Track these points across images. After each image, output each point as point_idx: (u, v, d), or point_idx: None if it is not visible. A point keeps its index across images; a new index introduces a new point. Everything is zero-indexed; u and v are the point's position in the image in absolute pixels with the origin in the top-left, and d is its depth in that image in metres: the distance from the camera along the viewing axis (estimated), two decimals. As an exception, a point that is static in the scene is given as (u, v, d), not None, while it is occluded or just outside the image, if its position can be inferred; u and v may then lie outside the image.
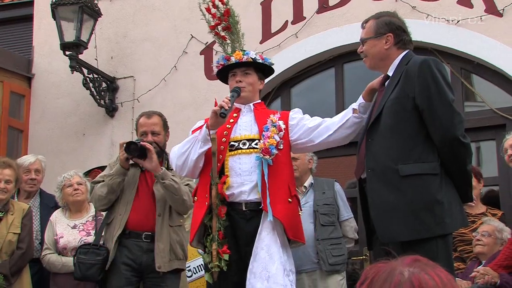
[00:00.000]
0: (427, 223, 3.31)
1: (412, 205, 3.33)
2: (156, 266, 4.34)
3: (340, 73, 6.79)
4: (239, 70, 3.98)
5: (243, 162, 3.82)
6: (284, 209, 3.74)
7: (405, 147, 3.40)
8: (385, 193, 3.40)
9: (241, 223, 3.77)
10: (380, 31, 3.60)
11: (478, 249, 4.94)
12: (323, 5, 6.71)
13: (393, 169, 3.37)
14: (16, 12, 8.67)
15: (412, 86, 3.40)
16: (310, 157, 5.59)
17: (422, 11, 6.29)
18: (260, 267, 3.61)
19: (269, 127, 3.83)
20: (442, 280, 1.46)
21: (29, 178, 5.49)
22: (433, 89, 3.36)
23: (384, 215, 3.39)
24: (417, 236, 3.30)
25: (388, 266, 1.51)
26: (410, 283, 1.44)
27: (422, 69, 3.40)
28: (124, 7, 7.55)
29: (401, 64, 3.55)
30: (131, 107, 7.15)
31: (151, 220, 4.44)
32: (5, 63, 7.44)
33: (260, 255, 3.64)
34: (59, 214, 5.32)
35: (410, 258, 1.53)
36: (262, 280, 3.59)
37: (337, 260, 5.23)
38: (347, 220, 5.44)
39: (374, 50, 3.61)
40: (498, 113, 6.12)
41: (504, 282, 4.56)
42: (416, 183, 3.35)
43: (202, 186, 3.83)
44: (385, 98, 3.51)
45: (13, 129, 7.42)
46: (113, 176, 4.47)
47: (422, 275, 1.46)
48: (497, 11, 6.09)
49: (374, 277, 1.50)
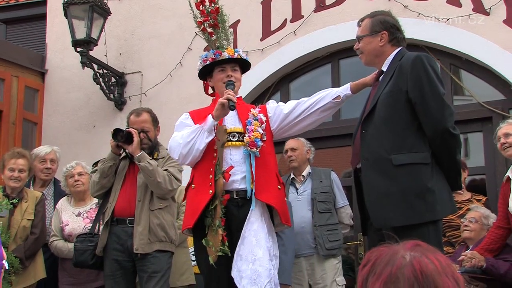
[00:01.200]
0: (418, 209, 3.32)
1: (404, 192, 3.34)
2: (134, 248, 4.36)
3: (336, 69, 6.78)
4: (228, 65, 3.97)
5: (234, 154, 3.82)
6: (275, 196, 3.77)
7: (398, 138, 3.40)
8: (379, 181, 3.41)
9: (233, 210, 3.76)
10: (375, 29, 3.61)
11: (465, 234, 4.96)
12: (320, 4, 6.70)
13: (386, 159, 3.38)
14: (31, 11, 8.68)
15: (405, 80, 3.41)
16: (308, 148, 5.61)
17: (413, 10, 6.28)
18: (246, 250, 3.62)
19: (251, 121, 3.84)
20: (441, 264, 1.47)
21: (45, 168, 5.51)
22: (425, 83, 3.38)
23: (378, 202, 3.41)
24: (409, 221, 3.31)
25: (390, 249, 1.51)
26: (411, 266, 1.44)
27: (415, 65, 3.41)
28: (132, 6, 7.54)
29: (395, 60, 3.56)
30: (138, 100, 7.15)
31: (133, 206, 4.45)
32: (20, 59, 7.45)
33: (248, 239, 3.65)
34: (65, 202, 5.34)
35: (411, 242, 1.53)
36: (247, 263, 3.59)
37: (333, 245, 5.25)
38: (343, 207, 5.47)
39: (370, 47, 3.63)
40: (485, 106, 6.12)
41: (490, 265, 4.57)
42: (408, 172, 3.36)
43: (202, 175, 3.80)
44: (379, 91, 3.52)
45: (27, 121, 7.42)
46: (104, 161, 4.53)
47: (423, 259, 1.46)
48: (484, 10, 6.08)
49: (376, 260, 1.51)
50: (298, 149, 5.57)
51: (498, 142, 4.68)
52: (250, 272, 3.56)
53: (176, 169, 4.53)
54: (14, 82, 7.31)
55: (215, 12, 4.04)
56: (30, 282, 4.98)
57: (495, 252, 4.67)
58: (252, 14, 6.90)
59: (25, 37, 8.65)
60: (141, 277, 4.45)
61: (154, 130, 4.68)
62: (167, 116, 6.64)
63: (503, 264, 4.59)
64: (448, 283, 1.43)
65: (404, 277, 1.43)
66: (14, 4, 8.93)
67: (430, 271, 1.44)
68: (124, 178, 4.57)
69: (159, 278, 4.39)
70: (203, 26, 4.09)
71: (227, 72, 3.95)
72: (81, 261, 4.57)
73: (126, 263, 4.47)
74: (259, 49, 6.81)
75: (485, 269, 4.58)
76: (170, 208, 4.59)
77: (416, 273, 1.43)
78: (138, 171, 4.49)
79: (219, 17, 4.07)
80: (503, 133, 4.65)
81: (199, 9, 4.06)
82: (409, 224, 3.30)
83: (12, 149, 5.45)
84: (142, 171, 4.40)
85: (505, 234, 4.67)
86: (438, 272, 1.44)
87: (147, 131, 4.59)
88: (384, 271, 1.46)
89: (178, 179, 4.54)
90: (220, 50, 3.98)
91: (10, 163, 5.03)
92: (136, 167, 4.50)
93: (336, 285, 5.25)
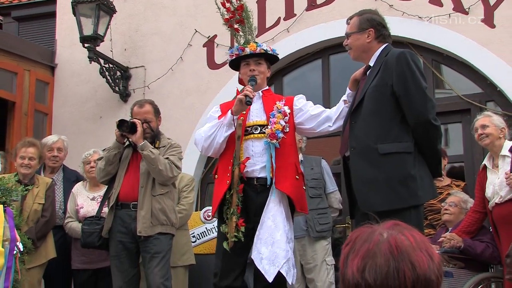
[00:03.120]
0: (402, 195, 3.33)
1: (389, 179, 3.34)
2: (137, 231, 4.36)
3: (326, 64, 6.76)
4: (252, 60, 3.95)
5: (255, 145, 3.81)
6: (292, 186, 3.75)
7: (384, 128, 3.40)
8: (365, 168, 3.40)
9: (252, 196, 3.77)
10: (362, 27, 3.60)
11: (445, 217, 4.97)
12: (312, 3, 6.68)
13: (373, 148, 3.38)
14: (41, 9, 8.64)
15: (390, 75, 3.40)
16: (300, 138, 5.59)
17: (398, 9, 6.26)
18: (266, 234, 3.62)
19: (275, 113, 3.82)
20: (416, 240, 1.47)
21: (52, 155, 5.50)
22: (409, 77, 3.37)
23: (364, 187, 3.40)
24: (393, 206, 3.31)
25: (369, 229, 1.52)
26: (388, 243, 1.45)
27: (400, 60, 3.40)
28: (136, 4, 7.50)
29: (381, 55, 3.55)
30: (142, 93, 7.12)
31: (136, 192, 4.44)
32: (31, 54, 7.41)
33: (267, 223, 3.64)
34: (80, 187, 5.37)
35: (390, 222, 1.54)
36: (267, 245, 3.59)
37: (324, 228, 5.26)
38: (332, 192, 5.46)
39: (358, 43, 3.61)
40: (464, 99, 6.12)
41: (467, 246, 4.58)
42: (393, 160, 3.36)
43: (223, 166, 3.81)
44: (366, 85, 3.51)
45: (39, 112, 7.39)
46: (109, 149, 4.52)
47: (399, 236, 1.47)
48: (464, 9, 6.07)
49: (357, 238, 1.51)
50: (290, 138, 5.55)
51: (476, 133, 4.67)
52: (269, 253, 3.58)
53: (176, 157, 4.52)
54: (26, 75, 7.27)
55: (240, 9, 4.04)
56: (41, 261, 4.99)
57: (472, 233, 4.68)
58: (248, 12, 6.85)
59: (36, 34, 8.60)
60: (144, 257, 4.44)
61: (156, 120, 4.65)
62: (169, 108, 6.65)
63: (479, 244, 4.60)
64: (422, 257, 1.44)
65: (381, 252, 1.44)
66: (25, 3, 8.89)
67: (405, 246, 1.45)
68: (127, 166, 4.55)
69: (161, 258, 4.39)
70: (229, 23, 4.09)
71: (251, 66, 3.94)
72: (89, 242, 4.59)
73: (130, 245, 4.46)
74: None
75: (463, 249, 4.59)
76: (171, 194, 4.57)
77: (392, 248, 1.44)
78: (141, 159, 4.46)
79: (244, 13, 4.07)
80: (480, 124, 4.64)
81: (225, 7, 4.06)
82: (393, 209, 3.30)
83: (24, 139, 5.48)
84: (145, 159, 4.38)
85: (481, 217, 4.69)
86: (412, 247, 1.45)
87: (149, 122, 4.57)
88: (362, 247, 1.47)
89: (178, 166, 4.53)
90: (244, 46, 3.96)
91: (21, 152, 5.04)
92: (139, 155, 4.48)
93: (326, 265, 5.26)
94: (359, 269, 1.44)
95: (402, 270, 1.41)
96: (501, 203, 4.41)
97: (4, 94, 6.92)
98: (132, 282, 4.47)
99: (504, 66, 5.87)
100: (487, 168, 4.63)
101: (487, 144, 4.60)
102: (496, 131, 4.57)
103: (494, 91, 6.01)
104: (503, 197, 4.39)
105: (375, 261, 1.43)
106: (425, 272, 1.43)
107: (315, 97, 6.63)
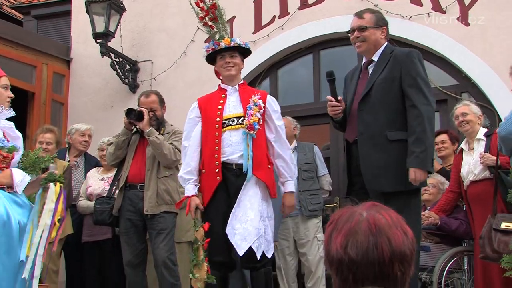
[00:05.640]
0: (407, 179, 3.33)
1: (397, 164, 3.34)
2: (144, 210, 4.35)
3: (317, 58, 6.72)
4: (227, 53, 3.89)
5: (233, 135, 3.78)
6: (265, 174, 3.75)
7: (391, 117, 3.41)
8: (374, 153, 3.39)
9: (232, 178, 3.74)
10: (379, 23, 3.59)
11: (425, 197, 4.94)
12: (304, 3, 6.63)
13: (382, 135, 3.38)
14: (58, 8, 8.60)
15: (399, 69, 3.43)
16: (294, 126, 5.57)
17: (382, 9, 6.16)
18: (241, 212, 3.61)
19: (252, 106, 3.78)
20: (392, 219, 1.50)
21: (84, 140, 5.52)
22: (420, 72, 3.43)
23: (374, 170, 3.38)
24: (399, 188, 3.34)
25: (350, 209, 1.55)
26: (367, 221, 1.48)
27: (411, 57, 3.46)
28: (144, 4, 7.44)
29: (385, 52, 3.55)
30: (149, 85, 7.07)
31: (143, 174, 4.43)
32: (49, 49, 7.36)
33: (244, 203, 3.64)
34: (94, 171, 5.40)
35: (369, 203, 1.56)
36: (241, 222, 3.59)
37: (315, 207, 5.24)
38: (323, 175, 5.45)
39: (373, 38, 3.57)
40: (441, 90, 6.09)
41: (443, 223, 4.60)
42: (400, 146, 3.37)
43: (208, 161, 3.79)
44: (374, 77, 3.50)
45: (55, 102, 7.35)
46: (119, 135, 4.52)
47: (377, 215, 1.50)
48: (441, 9, 6.06)
49: (339, 218, 1.54)
50: (286, 126, 5.50)
51: (456, 120, 4.64)
52: (242, 230, 3.56)
53: (179, 142, 4.48)
54: (44, 68, 7.22)
55: (213, 7, 3.97)
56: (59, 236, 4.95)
57: (448, 212, 4.69)
58: (245, 11, 6.83)
59: (53, 31, 8.55)
60: (151, 233, 4.44)
61: (161, 109, 4.63)
62: (174, 98, 6.59)
63: (454, 221, 4.62)
64: (398, 234, 1.48)
65: (361, 230, 1.47)
66: (44, 3, 8.86)
67: (383, 224, 1.48)
68: (135, 150, 4.53)
69: (166, 234, 4.39)
70: (204, 20, 4.03)
71: (226, 59, 3.89)
72: (100, 220, 4.60)
73: (138, 222, 4.45)
74: (252, 41, 6.70)
75: (439, 226, 4.61)
76: (174, 176, 4.54)
77: (371, 226, 1.47)
78: (147, 144, 4.44)
79: (217, 11, 3.99)
80: (460, 112, 4.62)
81: (199, 6, 4.00)
82: (398, 190, 3.33)
83: (42, 126, 5.53)
84: (151, 144, 4.35)
85: (456, 197, 4.70)
86: (389, 225, 1.48)
87: (155, 110, 4.54)
88: (344, 226, 1.50)
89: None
90: (219, 41, 3.91)
91: (40, 137, 5.06)
92: (145, 141, 4.46)
93: (317, 241, 5.25)
94: (342, 246, 1.48)
95: (380, 246, 1.45)
96: (475, 181, 4.42)
97: (24, 86, 6.88)
98: (140, 255, 4.48)
99: (477, 61, 5.86)
100: (463, 150, 4.62)
101: (467, 130, 4.59)
102: (475, 118, 4.59)
103: (468, 83, 6.01)
104: (477, 175, 4.41)
105: (356, 238, 1.47)
106: (400, 247, 1.47)
107: (306, 87, 6.71)
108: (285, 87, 6.91)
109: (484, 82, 5.83)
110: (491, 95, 5.79)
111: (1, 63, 6.13)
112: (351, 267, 1.46)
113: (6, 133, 3.07)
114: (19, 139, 3.13)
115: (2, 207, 2.81)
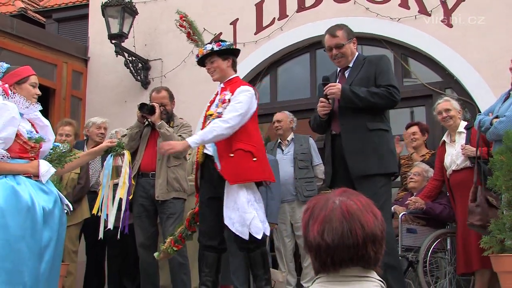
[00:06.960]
0: (386, 164, 3.53)
1: (377, 150, 3.51)
2: (155, 196, 4.37)
3: (313, 57, 6.72)
4: (207, 60, 3.87)
5: None
6: (226, 164, 3.63)
7: (370, 110, 3.55)
8: (356, 141, 3.52)
9: (211, 170, 3.73)
10: (350, 37, 3.71)
11: (411, 184, 4.98)
12: (301, 6, 6.63)
13: (362, 125, 3.52)
14: (77, 12, 8.61)
15: (374, 70, 3.60)
16: (291, 119, 5.59)
17: (373, 11, 6.22)
18: (231, 202, 3.62)
19: (218, 103, 3.79)
20: (362, 204, 1.52)
21: (100, 132, 5.52)
22: (390, 72, 3.65)
23: (356, 156, 3.51)
24: (379, 171, 3.49)
25: (324, 197, 1.56)
26: (340, 208, 1.49)
27: (383, 60, 3.68)
28: (155, 8, 7.43)
29: (359, 58, 3.72)
30: (160, 81, 7.07)
31: (154, 163, 4.44)
32: (69, 49, 7.38)
33: (231, 193, 3.63)
34: None
35: (339, 190, 1.57)
36: (234, 211, 3.60)
37: (310, 194, 5.26)
38: (318, 165, 5.46)
39: (349, 51, 3.70)
40: (427, 86, 6.11)
41: (428, 208, 4.62)
42: (378, 135, 3.53)
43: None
44: (351, 78, 3.65)
45: (74, 97, 7.37)
46: (132, 128, 4.52)
47: (348, 202, 1.51)
48: (427, 11, 6.06)
49: (314, 206, 1.55)
50: (282, 120, 5.55)
51: (440, 115, 4.64)
52: (238, 217, 3.59)
53: (187, 135, 4.49)
54: (64, 67, 7.24)
55: (189, 24, 4.30)
56: (77, 220, 5.05)
57: (433, 197, 4.71)
58: (247, 13, 6.82)
59: (73, 32, 8.56)
60: (161, 218, 4.47)
61: (171, 104, 4.63)
62: (182, 94, 6.60)
63: (438, 206, 4.64)
64: (369, 217, 1.49)
65: (336, 217, 1.48)
66: (64, 7, 8.86)
67: (354, 210, 1.49)
68: (147, 142, 4.54)
69: (175, 218, 4.41)
70: (190, 37, 4.31)
71: (207, 66, 3.89)
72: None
73: (150, 207, 4.48)
74: (253, 41, 6.74)
75: (425, 210, 4.63)
76: (183, 165, 4.58)
77: (344, 213, 1.48)
78: (158, 136, 4.45)
79: (192, 26, 4.27)
80: (443, 108, 4.62)
81: (183, 27, 4.33)
82: (377, 173, 3.48)
83: (62, 119, 5.57)
84: (162, 136, 4.36)
85: (440, 184, 4.72)
86: (360, 210, 1.50)
87: (165, 105, 4.54)
88: (320, 214, 1.51)
89: None
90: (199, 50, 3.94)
91: (59, 130, 5.08)
92: (156, 133, 4.47)
93: (311, 224, 5.26)
94: (319, 232, 1.49)
95: (354, 230, 1.47)
96: (457, 170, 4.44)
97: (46, 82, 6.89)
98: (152, 238, 4.49)
99: (459, 59, 5.87)
100: (446, 143, 4.63)
101: (451, 125, 4.60)
102: (457, 113, 4.61)
103: (451, 79, 6.01)
104: (458, 165, 4.44)
105: (332, 225, 1.48)
106: (372, 229, 1.49)
107: (304, 83, 6.74)
108: (284, 84, 6.92)
109: (466, 79, 5.84)
110: (471, 90, 5.80)
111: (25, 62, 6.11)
112: (329, 252, 1.48)
113: (34, 123, 3.09)
114: (47, 127, 3.15)
115: (27, 194, 2.85)
